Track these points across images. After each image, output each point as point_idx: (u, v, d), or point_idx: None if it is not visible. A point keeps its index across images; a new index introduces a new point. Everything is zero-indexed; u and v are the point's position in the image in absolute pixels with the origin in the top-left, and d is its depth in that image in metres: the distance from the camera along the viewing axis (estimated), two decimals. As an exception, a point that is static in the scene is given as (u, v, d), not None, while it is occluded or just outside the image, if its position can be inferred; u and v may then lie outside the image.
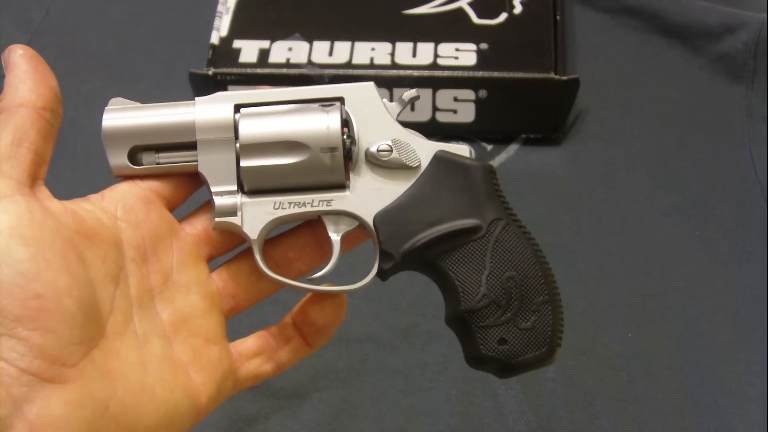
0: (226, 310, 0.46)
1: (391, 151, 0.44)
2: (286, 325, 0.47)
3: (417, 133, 0.46)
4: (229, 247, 0.47)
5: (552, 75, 0.79)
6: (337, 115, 0.44)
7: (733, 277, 0.73)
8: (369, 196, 0.45)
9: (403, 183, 0.45)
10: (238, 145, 0.44)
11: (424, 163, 0.45)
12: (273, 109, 0.45)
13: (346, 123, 0.45)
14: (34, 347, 0.35)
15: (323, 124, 0.44)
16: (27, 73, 0.40)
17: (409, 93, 0.46)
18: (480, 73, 0.80)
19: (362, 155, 0.45)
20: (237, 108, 0.44)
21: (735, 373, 0.68)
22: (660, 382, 0.68)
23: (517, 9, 0.85)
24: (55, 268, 0.36)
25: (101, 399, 0.37)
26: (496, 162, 0.81)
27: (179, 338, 0.43)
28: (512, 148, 0.82)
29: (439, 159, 0.45)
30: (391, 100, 0.47)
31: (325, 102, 0.45)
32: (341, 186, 0.45)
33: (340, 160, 0.44)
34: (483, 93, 0.80)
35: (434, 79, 0.80)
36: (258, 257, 0.44)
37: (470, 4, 0.85)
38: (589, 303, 0.72)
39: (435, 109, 0.81)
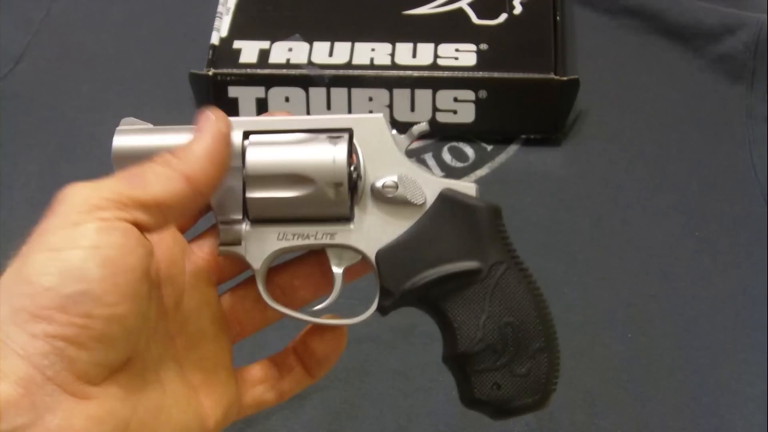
0: (232, 336, 0.46)
1: (397, 187, 0.44)
2: (288, 353, 0.48)
3: (425, 168, 0.46)
4: (236, 272, 0.47)
5: (552, 75, 0.79)
6: (344, 147, 0.43)
7: (733, 277, 0.73)
8: (372, 231, 0.44)
9: (407, 220, 0.44)
10: (243, 173, 0.43)
11: (429, 200, 0.44)
12: (281, 138, 0.44)
13: (353, 155, 0.44)
14: (65, 359, 0.35)
15: (329, 156, 0.43)
16: (211, 152, 0.41)
17: (419, 126, 0.46)
18: (480, 74, 0.80)
19: (368, 190, 0.44)
20: (246, 135, 0.44)
21: (735, 373, 0.68)
22: (660, 382, 0.68)
23: (517, 9, 0.85)
24: (121, 294, 0.36)
25: (122, 417, 0.37)
26: (496, 162, 0.81)
27: (190, 362, 0.43)
28: (512, 149, 0.82)
29: (444, 198, 0.44)
30: (391, 103, 0.47)
31: (334, 133, 0.44)
32: (346, 219, 0.44)
33: (345, 194, 0.43)
34: (483, 93, 0.80)
35: (434, 80, 0.80)
36: (261, 287, 0.44)
37: (470, 5, 0.86)
38: (589, 303, 0.72)
39: (435, 109, 0.81)
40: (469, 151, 0.82)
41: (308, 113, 0.82)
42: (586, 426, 0.66)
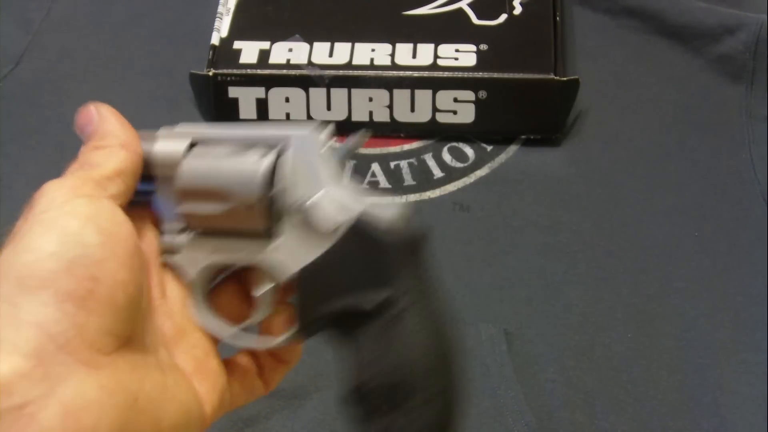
0: None
1: (309, 209, 0.42)
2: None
3: (356, 188, 0.43)
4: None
5: (552, 76, 0.79)
6: (268, 163, 0.42)
7: (733, 277, 0.73)
8: (290, 252, 0.42)
9: (321, 246, 0.42)
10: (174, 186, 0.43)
11: (344, 227, 0.41)
12: (217, 150, 0.43)
13: (275, 172, 0.42)
14: (76, 325, 0.35)
15: (251, 172, 0.41)
16: (121, 124, 0.43)
17: (353, 140, 0.44)
18: (480, 74, 0.80)
19: (292, 209, 0.42)
20: (191, 146, 0.43)
21: (735, 373, 0.68)
22: (660, 382, 0.68)
23: (517, 10, 0.85)
24: (120, 262, 0.38)
25: (132, 390, 0.37)
26: (496, 162, 0.81)
27: (180, 349, 0.43)
28: (512, 149, 0.82)
29: (356, 226, 0.41)
30: (391, 104, 0.45)
31: (268, 147, 0.43)
32: (267, 238, 0.43)
33: (260, 212, 0.41)
34: (483, 94, 0.80)
35: (434, 80, 0.80)
36: (193, 299, 0.44)
37: (470, 5, 0.86)
38: (589, 303, 0.72)
39: (435, 110, 0.81)
40: (469, 151, 0.82)
41: (308, 114, 0.82)
42: (586, 426, 0.66)
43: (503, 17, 0.84)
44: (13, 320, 0.34)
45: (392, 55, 0.82)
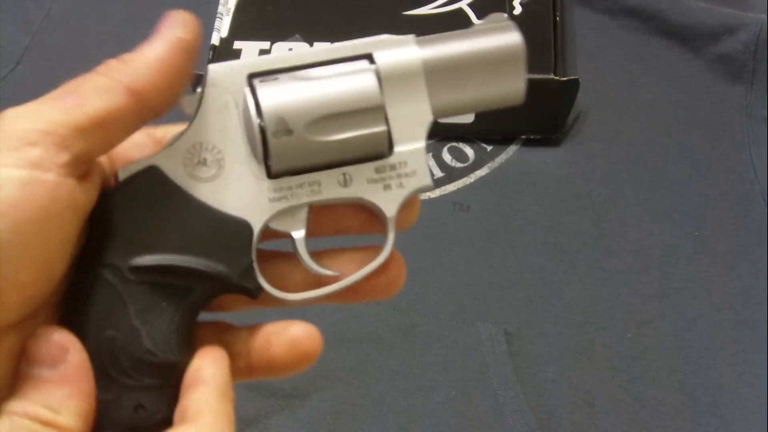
0: None
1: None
2: None
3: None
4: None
5: (552, 76, 0.79)
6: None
7: (733, 277, 0.73)
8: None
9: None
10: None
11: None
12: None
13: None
14: None
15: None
16: (163, 60, 0.36)
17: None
18: (480, 74, 0.80)
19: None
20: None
21: (735, 373, 0.68)
22: (660, 382, 0.68)
23: (517, 10, 0.85)
24: (27, 263, 0.32)
25: None
26: (496, 162, 0.81)
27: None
28: (512, 149, 0.82)
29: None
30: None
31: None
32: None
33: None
34: (483, 93, 0.80)
35: (434, 80, 0.80)
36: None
37: (470, 5, 0.86)
38: (589, 303, 0.72)
39: (435, 109, 0.81)
40: (469, 151, 0.82)
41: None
42: (586, 426, 0.66)
43: (503, 17, 0.84)
44: None
45: (392, 55, 0.82)
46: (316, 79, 0.39)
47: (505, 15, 0.42)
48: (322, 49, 0.40)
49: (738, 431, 0.65)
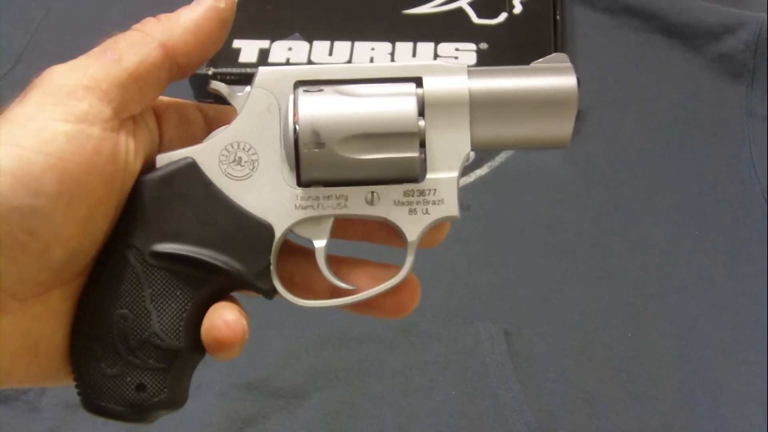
0: None
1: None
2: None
3: None
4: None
5: (552, 75, 0.79)
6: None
7: (733, 277, 0.73)
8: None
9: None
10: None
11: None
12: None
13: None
14: None
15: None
16: (197, 23, 0.38)
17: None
18: (480, 73, 0.80)
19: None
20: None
21: (735, 373, 0.68)
22: (660, 382, 0.68)
23: (517, 9, 0.85)
24: (71, 217, 0.34)
25: (33, 336, 0.35)
26: (496, 162, 0.81)
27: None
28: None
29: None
30: None
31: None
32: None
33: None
34: (483, 93, 0.80)
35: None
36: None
37: (470, 4, 0.85)
38: (589, 303, 0.72)
39: (435, 109, 0.81)
40: (469, 150, 0.82)
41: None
42: (586, 426, 0.66)
43: (503, 16, 0.84)
44: None
45: (392, 54, 0.82)
46: (359, 96, 0.40)
47: (567, 57, 0.42)
48: (375, 65, 0.41)
49: (738, 431, 0.65)
